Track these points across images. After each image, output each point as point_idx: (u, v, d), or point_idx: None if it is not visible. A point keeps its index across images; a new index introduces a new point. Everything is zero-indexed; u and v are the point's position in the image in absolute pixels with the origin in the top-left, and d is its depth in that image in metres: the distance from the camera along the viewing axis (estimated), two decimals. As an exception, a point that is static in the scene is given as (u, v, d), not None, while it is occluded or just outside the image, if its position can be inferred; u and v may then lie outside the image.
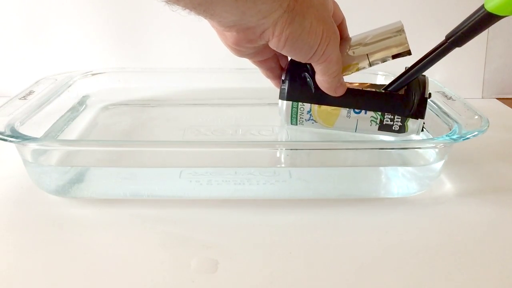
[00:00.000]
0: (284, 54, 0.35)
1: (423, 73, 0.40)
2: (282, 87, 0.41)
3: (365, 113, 0.41)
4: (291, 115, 0.42)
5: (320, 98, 0.40)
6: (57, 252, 0.34)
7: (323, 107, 0.40)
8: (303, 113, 0.41)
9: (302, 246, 0.36)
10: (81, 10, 0.66)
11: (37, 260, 0.34)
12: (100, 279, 0.32)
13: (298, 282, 0.32)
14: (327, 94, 0.40)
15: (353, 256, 0.34)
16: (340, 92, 0.39)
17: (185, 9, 0.29)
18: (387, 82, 0.42)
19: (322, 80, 0.38)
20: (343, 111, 0.41)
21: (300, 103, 0.41)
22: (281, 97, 0.41)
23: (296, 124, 0.43)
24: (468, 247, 0.35)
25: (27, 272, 0.32)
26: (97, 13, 0.66)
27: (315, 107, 0.41)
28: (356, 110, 0.41)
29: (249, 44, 0.33)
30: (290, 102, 0.41)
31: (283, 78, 0.41)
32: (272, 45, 0.33)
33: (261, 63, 0.40)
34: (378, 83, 0.47)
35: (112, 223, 0.38)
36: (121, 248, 0.35)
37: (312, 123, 0.42)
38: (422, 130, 0.41)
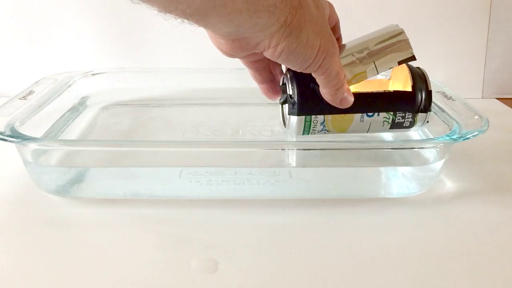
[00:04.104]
0: (280, 63, 0.35)
1: (418, 67, 0.41)
2: (292, 102, 0.39)
3: (378, 115, 0.40)
4: (304, 128, 0.40)
5: (333, 107, 0.38)
6: (57, 252, 0.34)
7: (336, 116, 0.39)
8: (316, 125, 0.40)
9: (302, 246, 0.36)
10: (81, 11, 0.66)
11: (37, 260, 0.34)
12: (100, 279, 0.32)
13: (298, 282, 0.32)
14: None
15: (353, 256, 0.34)
16: (344, 104, 0.38)
17: (177, 18, 0.28)
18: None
19: (324, 92, 0.37)
20: (357, 116, 0.40)
21: (313, 116, 0.39)
22: (291, 113, 0.40)
23: (308, 134, 0.42)
24: (469, 247, 0.35)
25: (27, 272, 0.32)
26: (97, 13, 0.66)
27: (329, 117, 0.40)
28: (369, 114, 0.40)
29: (243, 52, 0.33)
30: (303, 117, 0.39)
31: (289, 93, 0.39)
32: (267, 54, 0.33)
33: (251, 64, 0.39)
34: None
35: (112, 223, 0.38)
36: (121, 248, 0.35)
37: (325, 133, 0.41)
38: (428, 122, 0.42)
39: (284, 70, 0.41)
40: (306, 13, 0.31)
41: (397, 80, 0.43)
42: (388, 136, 0.50)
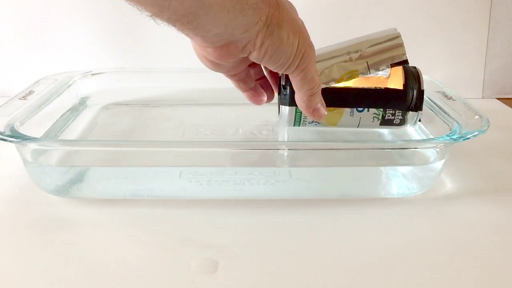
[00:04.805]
0: (263, 65, 0.35)
1: (414, 66, 0.42)
2: (284, 92, 0.41)
3: (368, 110, 0.41)
4: (295, 119, 0.42)
5: (324, 100, 0.39)
6: (57, 252, 0.34)
7: (327, 108, 0.40)
8: (306, 116, 0.41)
9: (302, 246, 0.35)
10: (81, 10, 0.66)
11: (37, 260, 0.34)
12: (100, 279, 0.32)
13: (298, 282, 0.32)
14: (331, 95, 0.40)
15: (353, 256, 0.34)
16: (317, 116, 0.39)
17: (169, 23, 0.29)
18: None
19: (298, 97, 0.38)
20: (347, 110, 0.41)
21: None
22: (283, 103, 0.41)
23: (299, 126, 0.43)
24: (469, 247, 0.35)
25: (27, 272, 0.32)
26: (97, 13, 0.66)
27: None
28: (359, 109, 0.41)
29: (231, 58, 0.33)
30: (294, 107, 0.41)
31: (283, 83, 0.40)
32: (253, 57, 0.33)
33: (233, 76, 0.40)
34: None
35: (112, 223, 0.38)
36: (121, 248, 0.35)
37: (315, 124, 0.43)
38: (419, 121, 0.43)
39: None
40: (284, 12, 0.32)
41: (394, 78, 0.43)
42: (388, 136, 0.50)
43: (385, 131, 0.50)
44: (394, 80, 0.43)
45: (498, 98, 0.70)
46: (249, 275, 0.32)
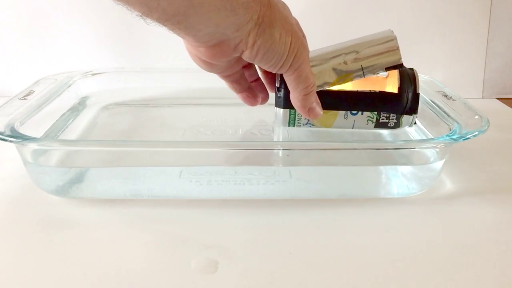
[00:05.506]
0: (257, 64, 0.35)
1: (411, 67, 0.42)
2: (278, 95, 0.41)
3: (362, 113, 0.41)
4: (289, 120, 0.42)
5: None
6: (57, 252, 0.34)
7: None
8: (301, 118, 0.41)
9: (302, 246, 0.36)
10: (81, 10, 0.66)
11: (37, 260, 0.34)
12: (100, 279, 0.32)
13: (298, 282, 0.32)
14: (325, 98, 0.40)
15: (353, 256, 0.34)
16: (312, 115, 0.38)
17: (159, 23, 0.29)
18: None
19: (294, 97, 0.38)
20: (341, 113, 0.41)
21: None
22: (277, 105, 0.42)
23: (293, 127, 0.43)
24: (469, 247, 0.35)
25: (27, 272, 0.32)
26: (97, 13, 0.66)
27: None
28: (353, 112, 0.41)
29: (224, 57, 0.33)
30: (288, 110, 0.41)
31: (277, 85, 0.41)
32: (245, 56, 0.33)
33: (228, 77, 0.40)
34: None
35: (112, 223, 0.38)
36: (121, 248, 0.35)
37: (310, 126, 0.43)
38: (415, 123, 0.43)
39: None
40: (276, 11, 0.32)
41: (391, 79, 0.43)
42: (388, 136, 0.50)
43: (385, 131, 0.50)
44: (391, 81, 0.43)
45: (498, 98, 0.70)
46: (249, 275, 0.32)
